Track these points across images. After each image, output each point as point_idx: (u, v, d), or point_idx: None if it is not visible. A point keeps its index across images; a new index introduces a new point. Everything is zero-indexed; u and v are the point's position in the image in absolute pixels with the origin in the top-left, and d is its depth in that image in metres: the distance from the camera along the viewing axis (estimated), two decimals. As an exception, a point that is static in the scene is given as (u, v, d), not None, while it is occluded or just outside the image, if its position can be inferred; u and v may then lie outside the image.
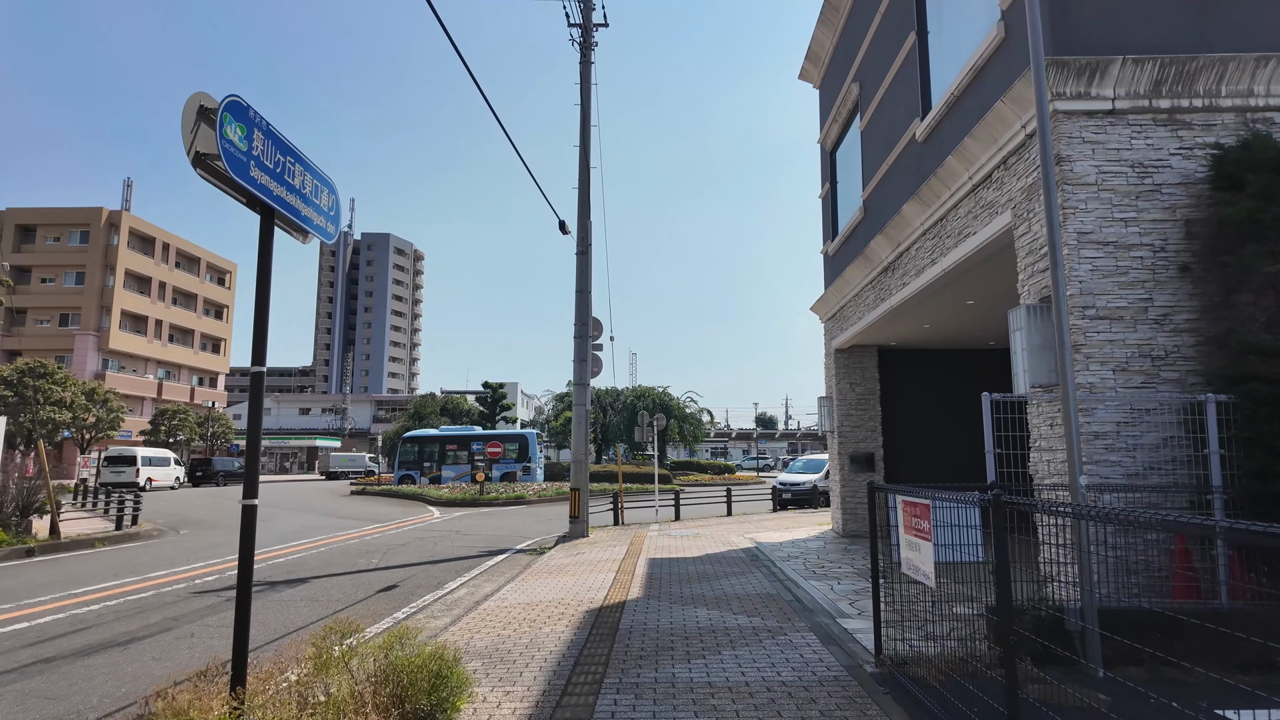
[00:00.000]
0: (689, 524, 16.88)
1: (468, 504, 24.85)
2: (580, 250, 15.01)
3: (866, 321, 11.85)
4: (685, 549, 12.09)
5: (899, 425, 14.07)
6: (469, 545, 13.87)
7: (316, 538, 15.40)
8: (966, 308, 10.62)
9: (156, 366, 56.03)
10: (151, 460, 37.57)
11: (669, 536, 14.02)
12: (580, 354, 14.78)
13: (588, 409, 14.74)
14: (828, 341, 14.71)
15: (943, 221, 8.65)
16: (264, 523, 19.16)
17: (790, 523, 16.67)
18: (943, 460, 14.00)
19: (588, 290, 14.97)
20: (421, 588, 9.48)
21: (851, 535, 13.46)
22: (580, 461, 14.60)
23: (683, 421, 44.89)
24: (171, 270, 56.84)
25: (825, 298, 14.12)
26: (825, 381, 14.89)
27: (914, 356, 14.31)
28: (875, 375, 13.96)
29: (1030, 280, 6.55)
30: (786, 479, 23.84)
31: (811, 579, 8.78)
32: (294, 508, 24.25)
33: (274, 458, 72.45)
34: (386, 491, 30.66)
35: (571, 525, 14.34)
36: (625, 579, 9.07)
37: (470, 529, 17.02)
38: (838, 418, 13.87)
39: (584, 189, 15.07)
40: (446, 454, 34.00)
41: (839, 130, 13.66)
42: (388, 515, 21.20)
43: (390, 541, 14.60)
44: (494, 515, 21.04)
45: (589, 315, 14.94)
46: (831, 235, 14.18)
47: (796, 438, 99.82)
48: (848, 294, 12.80)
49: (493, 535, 15.66)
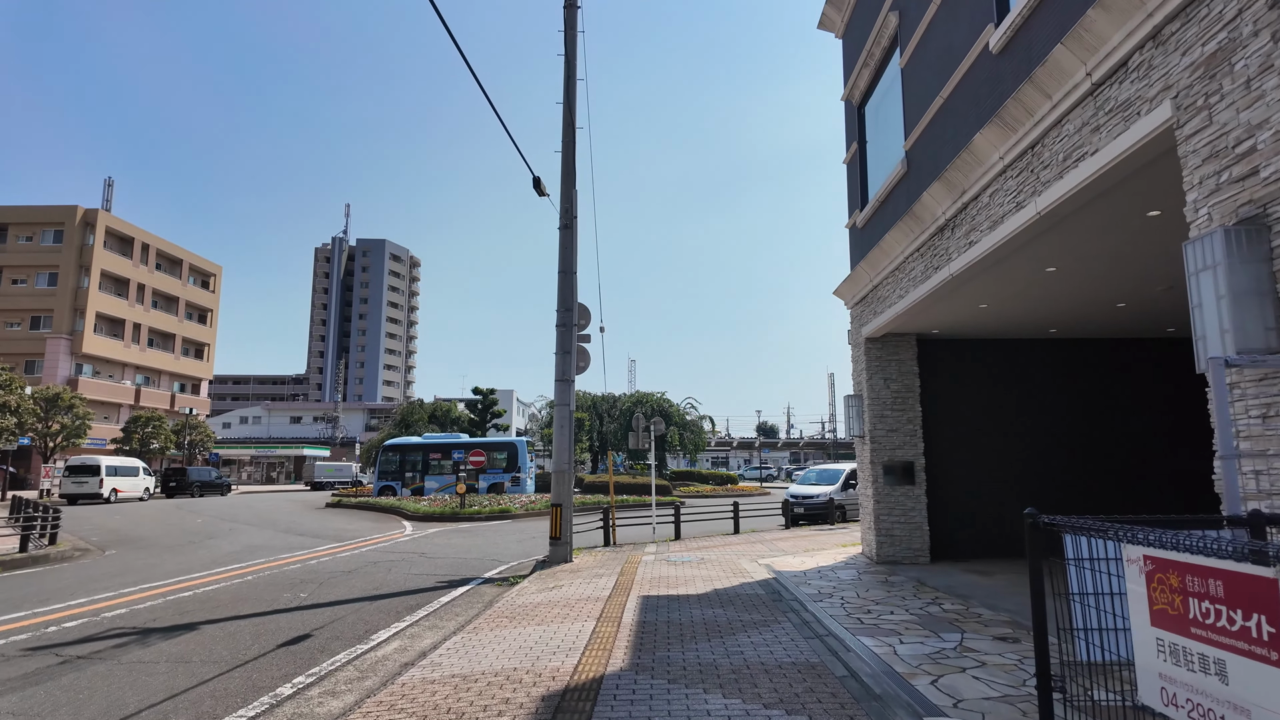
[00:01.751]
0: (691, 544, 14.58)
1: (446, 518, 22.54)
2: (563, 224, 12.79)
3: (909, 300, 9.60)
4: (688, 581, 9.81)
5: (943, 429, 11.80)
6: (429, 572, 11.58)
7: (256, 561, 13.11)
8: (1044, 277, 8.38)
9: (135, 372, 53.72)
10: (118, 470, 35.22)
11: (667, 562, 11.72)
12: (563, 344, 12.52)
13: (572, 410, 12.47)
14: (855, 330, 12.46)
15: (1036, 148, 6.42)
16: (210, 540, 16.90)
17: (808, 543, 14.37)
18: (1000, 472, 11.72)
19: (572, 271, 12.73)
20: (341, 638, 7.19)
21: (889, 562, 11.16)
22: (563, 472, 12.32)
23: (683, 429, 42.54)
24: (152, 272, 54.62)
25: (854, 277, 11.88)
26: (853, 377, 12.63)
27: (961, 348, 12.05)
28: (914, 369, 11.71)
29: (1215, 196, 4.31)
30: (799, 491, 21.50)
31: (861, 633, 6.49)
32: (256, 523, 21.95)
33: (260, 467, 70.08)
34: (363, 504, 28.33)
35: (552, 548, 12.05)
36: (608, 631, 6.77)
37: (439, 550, 14.73)
38: (869, 420, 11.60)
39: (568, 151, 12.86)
40: (430, 463, 31.63)
41: (870, 77, 11.46)
42: (354, 532, 18.90)
43: (338, 566, 12.31)
44: (472, 532, 18.73)
45: (574, 300, 12.70)
46: (860, 204, 11.96)
47: (799, 447, 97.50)
48: (884, 268, 10.56)
49: (461, 559, 13.36)
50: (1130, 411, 11.99)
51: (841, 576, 9.90)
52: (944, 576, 9.79)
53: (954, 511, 11.64)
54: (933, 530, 11.43)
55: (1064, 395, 11.99)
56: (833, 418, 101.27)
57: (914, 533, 11.30)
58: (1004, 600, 8.00)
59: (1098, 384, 12.06)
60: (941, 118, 8.52)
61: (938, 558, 11.39)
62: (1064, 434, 11.84)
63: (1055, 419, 11.89)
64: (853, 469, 22.69)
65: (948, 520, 11.61)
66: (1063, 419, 11.89)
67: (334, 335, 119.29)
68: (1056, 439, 11.82)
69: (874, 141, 11.52)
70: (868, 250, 11.15)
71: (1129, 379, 12.11)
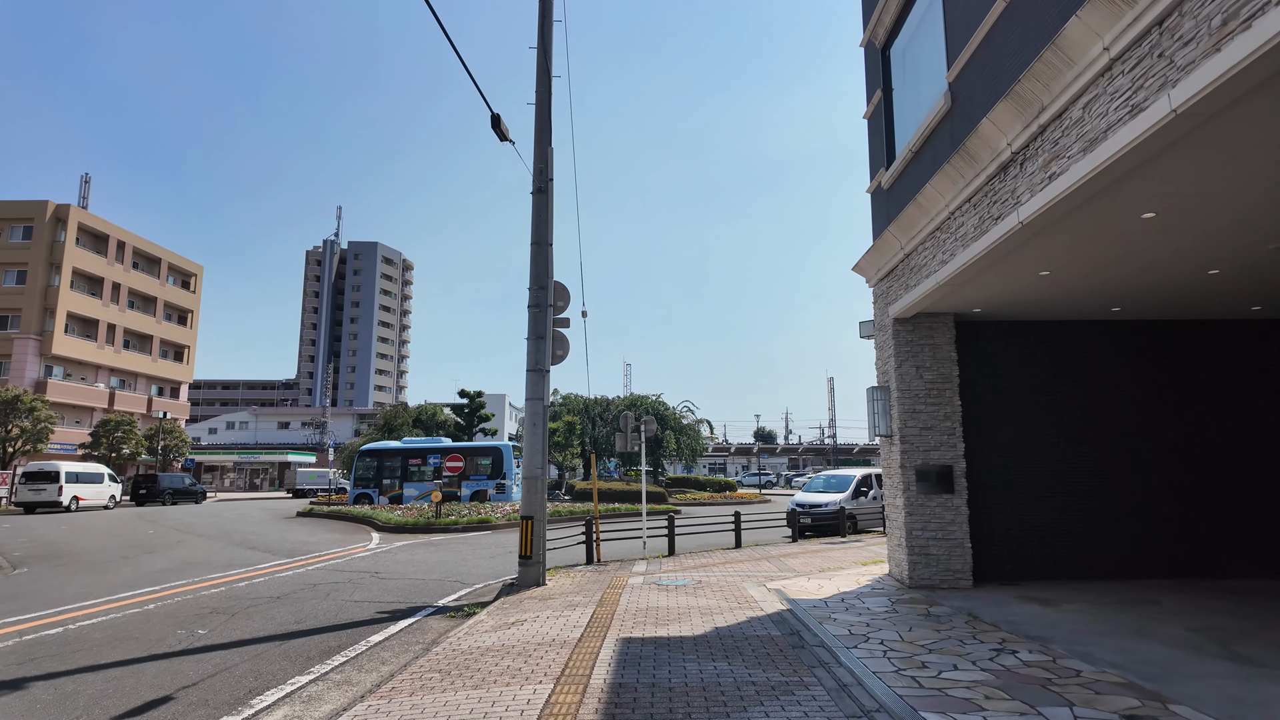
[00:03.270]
0: (687, 561, 12.69)
1: (419, 530, 20.59)
2: (537, 187, 10.91)
3: (955, 266, 7.75)
4: (681, 614, 7.91)
5: (986, 427, 9.94)
6: (373, 599, 9.67)
7: (178, 582, 11.18)
8: (1136, 228, 6.54)
9: (109, 374, 51.64)
10: (79, 476, 33.14)
11: (658, 586, 9.82)
12: (537, 328, 10.63)
13: (546, 404, 10.57)
14: (880, 310, 10.60)
15: (1169, 21, 4.57)
16: (146, 555, 14.99)
17: (822, 560, 12.48)
18: (1055, 478, 9.86)
19: (546, 242, 10.86)
20: (209, 704, 5.29)
21: (925, 586, 9.27)
22: (535, 479, 10.42)
23: (679, 433, 40.58)
24: (128, 271, 52.59)
25: (880, 246, 10.03)
26: (877, 366, 10.77)
27: (1007, 331, 10.20)
28: (951, 355, 9.85)
29: None
30: (806, 500, 19.60)
31: (928, 707, 4.59)
32: (210, 534, 19.99)
33: (244, 474, 67.94)
34: (335, 513, 26.36)
35: (522, 569, 10.14)
36: (567, 703, 4.86)
37: (397, 568, 12.80)
38: (899, 416, 9.73)
39: (543, 102, 11.00)
40: (409, 470, 29.57)
41: (897, 10, 9.64)
42: (312, 545, 16.96)
43: (270, 590, 10.38)
44: (443, 546, 16.80)
45: (549, 276, 10.82)
46: (886, 161, 10.13)
47: (798, 453, 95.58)
48: (921, 229, 8.70)
49: (418, 580, 11.44)
50: (1224, 406, 10.12)
51: (872, 607, 8.01)
52: (998, 607, 7.91)
53: (1000, 525, 9.77)
54: (975, 548, 9.55)
55: (1136, 388, 10.12)
56: (832, 423, 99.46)
57: (953, 551, 9.43)
58: (1095, 645, 6.12)
59: (1175, 373, 10.18)
60: (1004, 26, 6.68)
61: (982, 581, 9.51)
62: (1135, 434, 9.97)
63: (1123, 416, 10.03)
64: (865, 474, 20.78)
65: (993, 535, 9.74)
66: (1133, 416, 10.03)
67: (324, 339, 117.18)
68: (1125, 440, 9.96)
69: (904, 82, 9.69)
70: (898, 212, 9.31)
71: (1217, 367, 10.22)
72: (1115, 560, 9.71)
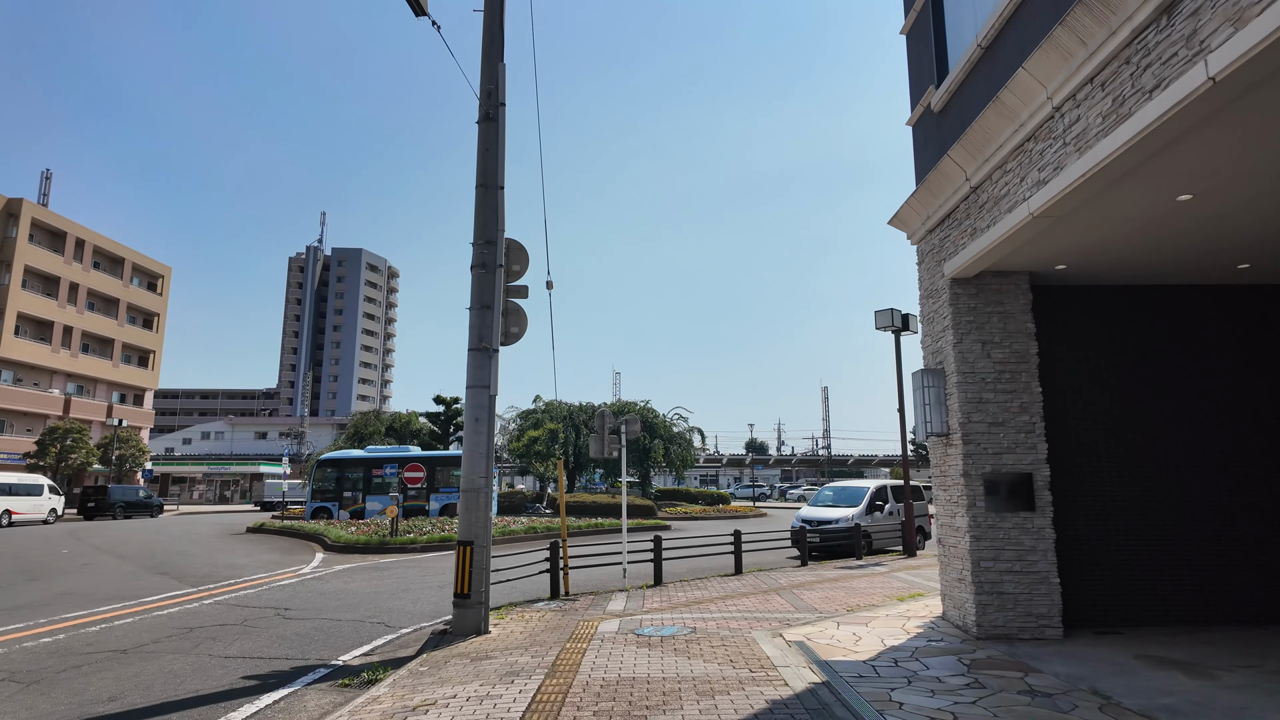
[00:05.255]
0: (677, 594, 10.19)
1: (370, 549, 17.97)
2: (485, 113, 8.46)
3: (1060, 186, 5.36)
4: (667, 694, 5.42)
5: (1070, 424, 7.53)
6: (255, 652, 7.12)
7: (19, 625, 8.58)
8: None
9: (65, 380, 48.63)
10: (13, 488, 30.25)
11: (636, 639, 7.32)
12: (482, 295, 8.16)
13: (493, 395, 8.07)
14: (929, 271, 8.19)
15: None
16: (32, 582, 12.66)
17: (845, 593, 10.02)
18: (1175, 492, 7.44)
19: (497, 185, 8.40)
20: None
21: (999, 637, 6.83)
22: (476, 491, 7.91)
23: (669, 442, 38.00)
24: (88, 271, 49.69)
25: (932, 182, 7.61)
26: (923, 345, 8.34)
27: (1100, 298, 7.82)
28: (1028, 327, 7.44)
29: None
30: (813, 515, 17.15)
31: None
32: (133, 555, 17.33)
33: (214, 486, 64.81)
34: (287, 529, 23.64)
35: (456, 612, 7.61)
36: None
37: (315, 602, 10.24)
38: (959, 407, 7.30)
39: (494, 8, 8.55)
40: (373, 481, 26.87)
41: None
42: (237, 569, 14.34)
43: (122, 639, 7.81)
44: (387, 571, 14.22)
45: (498, 230, 8.36)
46: (935, 77, 7.77)
47: (791, 464, 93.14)
48: (1004, 141, 6.28)
49: (331, 621, 8.88)
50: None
51: (941, 675, 5.55)
52: (1125, 677, 5.48)
53: (1090, 552, 7.35)
54: (1064, 582, 7.13)
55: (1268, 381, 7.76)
56: (826, 433, 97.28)
57: (1036, 588, 6.99)
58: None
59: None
60: None
61: (1073, 626, 7.08)
62: (1266, 438, 7.60)
63: (1248, 414, 7.65)
64: (879, 486, 18.32)
65: (1081, 566, 7.32)
66: (1264, 413, 7.65)
67: (306, 348, 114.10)
68: (1255, 444, 7.58)
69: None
70: (957, 134, 6.94)
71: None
72: (1236, 600, 7.31)
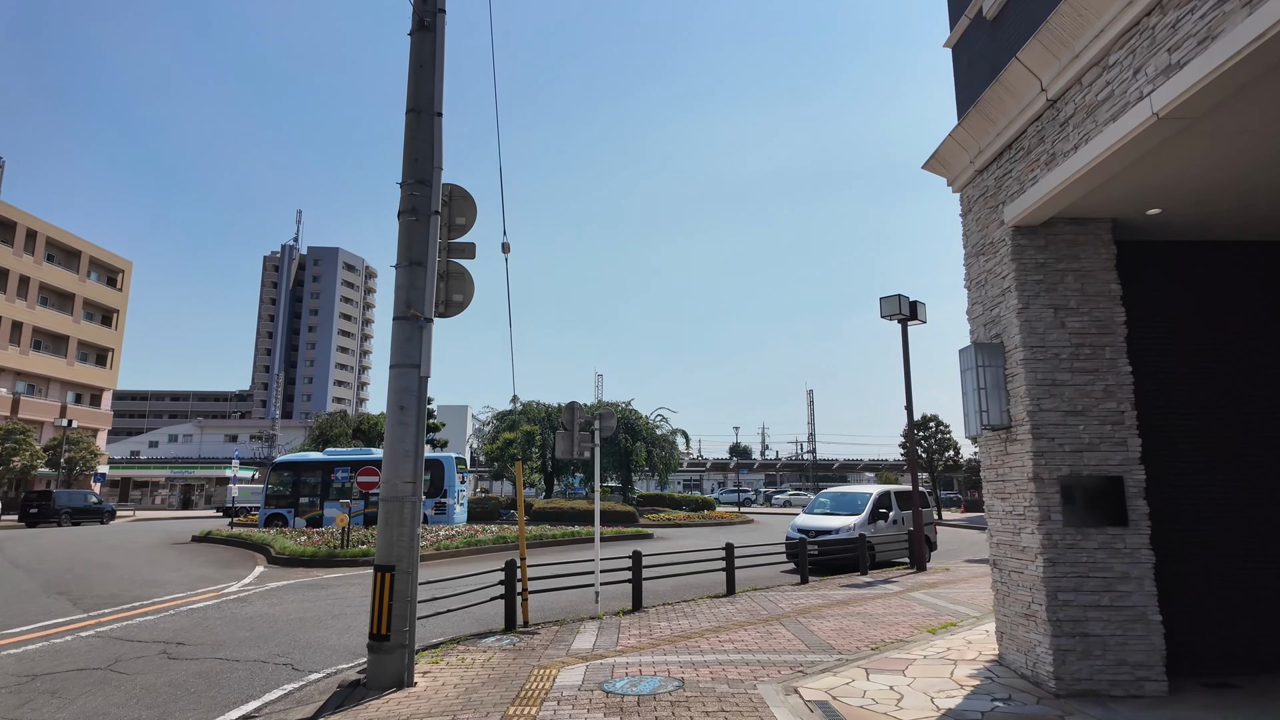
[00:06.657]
0: (659, 625, 8.45)
1: (318, 562, 16.09)
2: (420, 23, 6.68)
3: (1186, 84, 3.70)
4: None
5: (1173, 415, 5.89)
6: (107, 714, 5.28)
7: None
8: None
9: (14, 378, 45.98)
10: (-61, 494, 27.94)
11: (606, 697, 5.56)
12: (412, 250, 6.38)
13: (424, 376, 6.29)
14: (978, 221, 6.53)
15: None
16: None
17: (861, 621, 8.33)
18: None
19: (428, 111, 6.62)
20: None
21: (1085, 694, 5.15)
22: (400, 500, 6.11)
23: (652, 445, 36.22)
24: (40, 264, 47.10)
25: (987, 104, 5.93)
26: (969, 315, 6.67)
27: (1200, 254, 6.18)
28: (1112, 289, 5.79)
29: None
30: (811, 525, 15.50)
31: None
32: (44, 569, 15.32)
33: (176, 490, 62.14)
34: (234, 538, 21.62)
35: (372, 659, 5.81)
36: None
37: (220, 634, 8.37)
38: (1026, 391, 5.63)
39: (430, -110, 6.79)
40: (331, 486, 24.84)
41: None
42: (155, 588, 12.39)
43: (-64, 695, 5.93)
44: (326, 590, 12.35)
45: (433, 168, 6.59)
46: (989, -24, 6.12)
47: (776, 469, 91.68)
48: (1096, 35, 4.63)
49: (226, 663, 7.03)
50: None
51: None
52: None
53: (1199, 581, 5.71)
54: (1168, 621, 5.47)
55: None
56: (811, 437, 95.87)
57: (1130, 628, 5.32)
58: None
59: None
60: None
61: (1175, 675, 5.42)
62: None
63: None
64: (883, 492, 16.64)
65: (1185, 596, 5.67)
66: None
67: (280, 348, 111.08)
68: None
69: None
70: (1027, 35, 5.28)
71: None
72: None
